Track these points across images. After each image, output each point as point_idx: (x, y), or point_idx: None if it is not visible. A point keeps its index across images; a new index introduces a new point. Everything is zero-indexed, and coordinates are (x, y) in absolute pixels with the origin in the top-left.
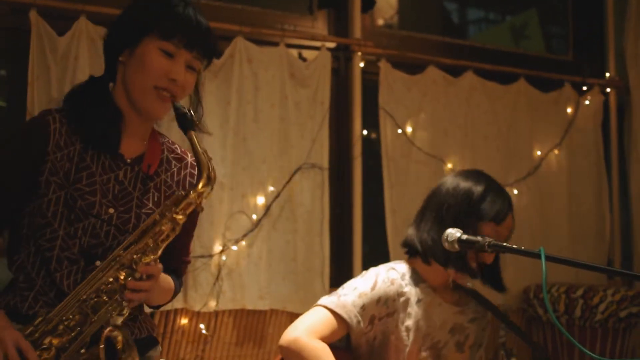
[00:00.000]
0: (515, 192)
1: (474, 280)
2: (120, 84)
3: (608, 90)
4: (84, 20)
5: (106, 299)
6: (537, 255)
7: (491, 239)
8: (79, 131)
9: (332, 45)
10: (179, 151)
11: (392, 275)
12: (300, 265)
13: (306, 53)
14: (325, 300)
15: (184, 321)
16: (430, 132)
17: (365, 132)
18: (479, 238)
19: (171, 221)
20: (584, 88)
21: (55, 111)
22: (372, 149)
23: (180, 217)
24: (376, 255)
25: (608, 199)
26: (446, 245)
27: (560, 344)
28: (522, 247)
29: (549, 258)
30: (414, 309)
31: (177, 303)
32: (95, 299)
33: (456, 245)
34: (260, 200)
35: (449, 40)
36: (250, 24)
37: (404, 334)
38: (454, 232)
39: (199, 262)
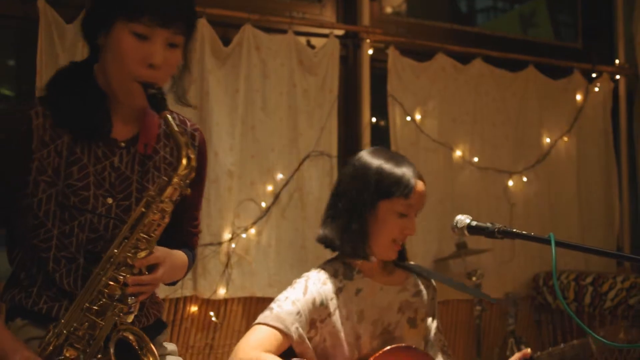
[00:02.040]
0: (525, 179)
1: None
2: (100, 68)
3: (617, 77)
4: None
5: (109, 302)
6: (547, 241)
7: (500, 225)
8: (65, 122)
9: (340, 32)
10: (177, 120)
11: (322, 276)
12: (309, 253)
13: (314, 40)
14: (261, 317)
15: (194, 309)
16: (439, 120)
17: (374, 119)
18: (488, 224)
19: (159, 211)
20: (593, 75)
21: (39, 102)
22: (380, 136)
23: (168, 204)
24: None
25: (617, 186)
26: (456, 231)
27: (570, 331)
28: (532, 234)
29: (558, 244)
30: (355, 301)
31: (187, 291)
32: (99, 303)
33: (466, 232)
34: (269, 188)
35: (458, 27)
36: (258, 12)
37: (351, 328)
38: (463, 219)
39: (208, 250)
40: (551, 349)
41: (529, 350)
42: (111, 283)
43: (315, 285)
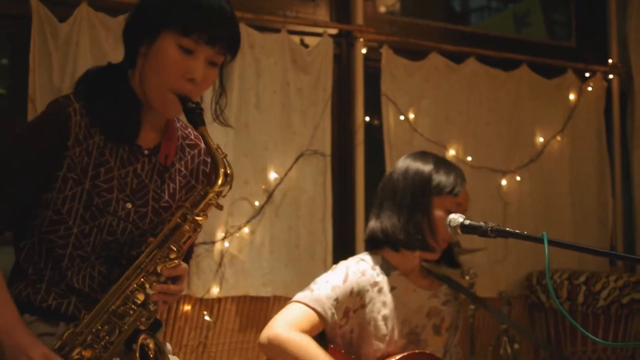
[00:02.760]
0: (518, 178)
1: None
2: (139, 74)
3: (611, 76)
4: (85, 6)
5: (133, 307)
6: (540, 240)
7: (494, 224)
8: (98, 123)
9: (334, 31)
10: (192, 137)
11: (362, 267)
12: (302, 252)
13: (308, 39)
14: (300, 295)
15: (187, 308)
16: (433, 119)
17: (367, 118)
18: (481, 223)
19: (192, 223)
20: (587, 74)
21: (75, 99)
22: (374, 135)
23: (201, 218)
24: None
25: (610, 185)
26: (449, 230)
27: (563, 330)
28: (525, 232)
29: (551, 242)
30: (388, 298)
31: None
32: (123, 308)
33: (459, 231)
34: (263, 187)
35: (452, 26)
36: (252, 11)
37: (381, 323)
38: (456, 217)
39: (201, 249)
40: None
41: None
42: (137, 289)
43: (355, 275)
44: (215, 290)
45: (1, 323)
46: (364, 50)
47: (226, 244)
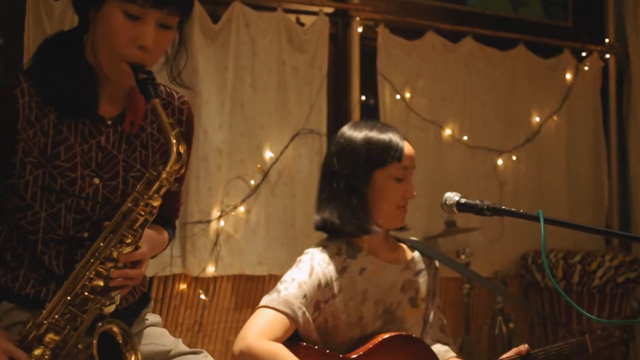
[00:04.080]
0: (514, 158)
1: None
2: (91, 43)
3: (607, 56)
4: None
5: (91, 296)
6: (536, 218)
7: (489, 202)
8: (52, 101)
9: (330, 10)
10: (164, 95)
11: (327, 255)
12: (298, 231)
13: (304, 18)
14: (267, 299)
15: (183, 286)
16: (429, 98)
17: (363, 97)
18: (477, 202)
19: (146, 206)
20: (583, 54)
21: (24, 79)
22: (370, 114)
23: (156, 201)
24: None
25: (606, 165)
26: (445, 209)
27: (558, 309)
28: (521, 211)
29: (547, 221)
30: (359, 281)
31: (176, 268)
32: (81, 296)
33: (455, 209)
34: (258, 166)
35: (448, 5)
36: None
37: (354, 308)
38: (452, 196)
39: (197, 228)
40: (548, 346)
41: (526, 346)
42: (95, 277)
43: (320, 265)
44: (210, 269)
45: None
46: (360, 29)
47: (222, 222)
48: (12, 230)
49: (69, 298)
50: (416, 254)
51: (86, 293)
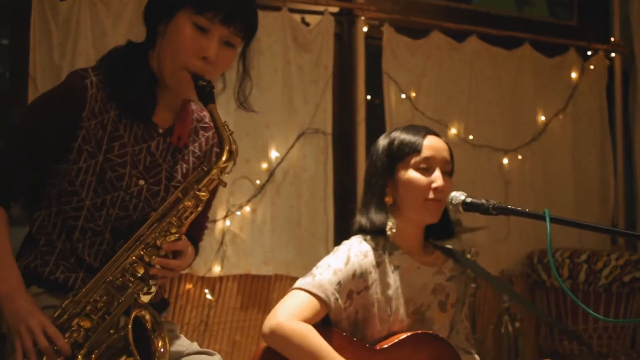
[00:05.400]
0: (520, 157)
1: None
2: (157, 54)
3: (613, 55)
4: None
5: (132, 279)
6: (542, 217)
7: (495, 202)
8: (114, 98)
9: (335, 9)
10: (206, 120)
11: (364, 248)
12: (304, 231)
13: (309, 18)
14: (301, 282)
15: (189, 286)
16: (434, 97)
17: (368, 97)
18: (483, 201)
19: (194, 198)
20: (589, 53)
21: (93, 73)
22: (375, 114)
23: (204, 194)
24: None
25: (612, 164)
26: (450, 207)
27: (564, 308)
28: (527, 210)
29: (553, 220)
30: (392, 277)
31: None
32: (121, 279)
33: (460, 208)
34: (264, 165)
35: (453, 4)
36: None
37: (385, 303)
38: (458, 195)
39: None
40: None
41: None
42: (137, 261)
43: (357, 256)
44: (216, 269)
45: (5, 289)
46: (365, 29)
47: (227, 222)
48: (50, 217)
49: (109, 278)
50: (450, 260)
51: (127, 276)
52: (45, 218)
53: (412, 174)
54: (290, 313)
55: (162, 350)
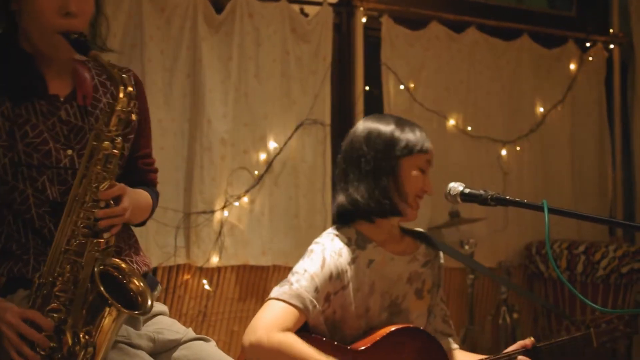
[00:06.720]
0: (518, 148)
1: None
2: (23, 33)
3: (611, 46)
4: None
5: (84, 240)
6: (540, 208)
7: (494, 192)
8: (1, 89)
9: (334, 0)
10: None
11: (337, 246)
12: (302, 221)
13: (308, 8)
14: (278, 291)
15: (187, 277)
16: (433, 88)
17: (367, 88)
18: (481, 192)
19: (108, 140)
20: (587, 44)
21: None
22: (374, 105)
23: (116, 132)
24: None
25: (610, 156)
26: (449, 199)
27: (562, 299)
28: (525, 201)
29: (552, 210)
30: (367, 273)
31: (180, 259)
32: (75, 244)
33: (459, 199)
34: (262, 156)
35: None
36: None
37: (362, 300)
38: (456, 186)
39: (201, 218)
40: (553, 340)
41: (532, 339)
42: (82, 220)
43: (332, 257)
44: (214, 260)
45: None
46: (364, 20)
47: (225, 213)
48: (10, 225)
49: (64, 247)
50: (422, 245)
51: (79, 239)
52: (7, 228)
53: (413, 171)
54: (270, 325)
55: (140, 289)
